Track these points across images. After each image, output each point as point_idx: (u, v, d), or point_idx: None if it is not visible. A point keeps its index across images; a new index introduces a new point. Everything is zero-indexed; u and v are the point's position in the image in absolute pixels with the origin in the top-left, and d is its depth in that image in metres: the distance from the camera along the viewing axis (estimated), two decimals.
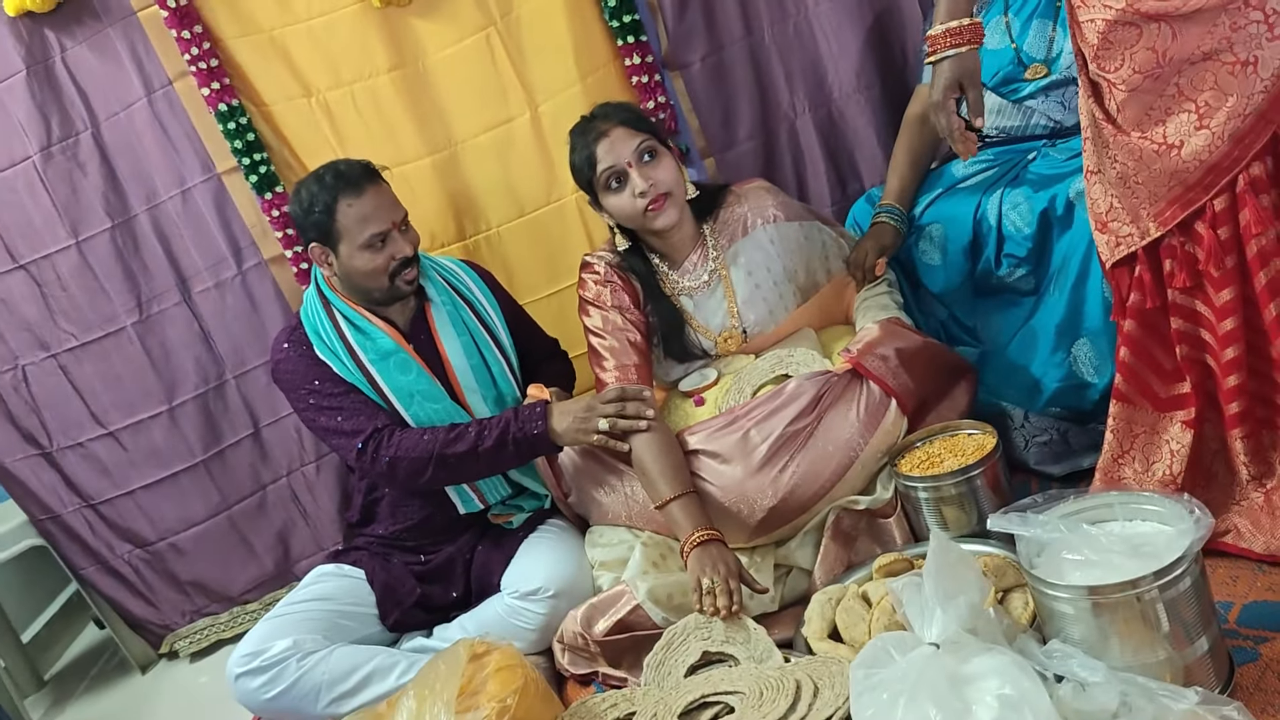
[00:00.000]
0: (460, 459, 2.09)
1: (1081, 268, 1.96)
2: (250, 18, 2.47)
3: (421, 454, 2.09)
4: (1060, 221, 2.00)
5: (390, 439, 2.11)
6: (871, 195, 2.40)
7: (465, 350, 2.23)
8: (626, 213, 2.12)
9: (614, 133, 2.08)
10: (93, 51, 2.46)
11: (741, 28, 2.54)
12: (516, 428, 2.07)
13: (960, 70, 1.70)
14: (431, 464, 2.09)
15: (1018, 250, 2.07)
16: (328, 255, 2.14)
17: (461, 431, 2.11)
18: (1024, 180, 2.14)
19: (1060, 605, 1.42)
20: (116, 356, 2.63)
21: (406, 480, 2.15)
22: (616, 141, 2.08)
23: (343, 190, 2.08)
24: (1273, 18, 1.46)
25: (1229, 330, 1.61)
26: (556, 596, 2.06)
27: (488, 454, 2.09)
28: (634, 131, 2.09)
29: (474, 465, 2.12)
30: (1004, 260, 2.10)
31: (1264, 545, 1.67)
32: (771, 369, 2.14)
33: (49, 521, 2.75)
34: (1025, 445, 2.13)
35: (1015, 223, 2.07)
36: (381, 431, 2.12)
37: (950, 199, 2.22)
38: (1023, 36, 2.18)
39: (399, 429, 2.14)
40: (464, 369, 2.22)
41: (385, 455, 2.11)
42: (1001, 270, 2.11)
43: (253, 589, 2.79)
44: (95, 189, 2.54)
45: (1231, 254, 1.58)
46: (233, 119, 2.48)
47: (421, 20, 2.48)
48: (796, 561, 1.99)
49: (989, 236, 2.12)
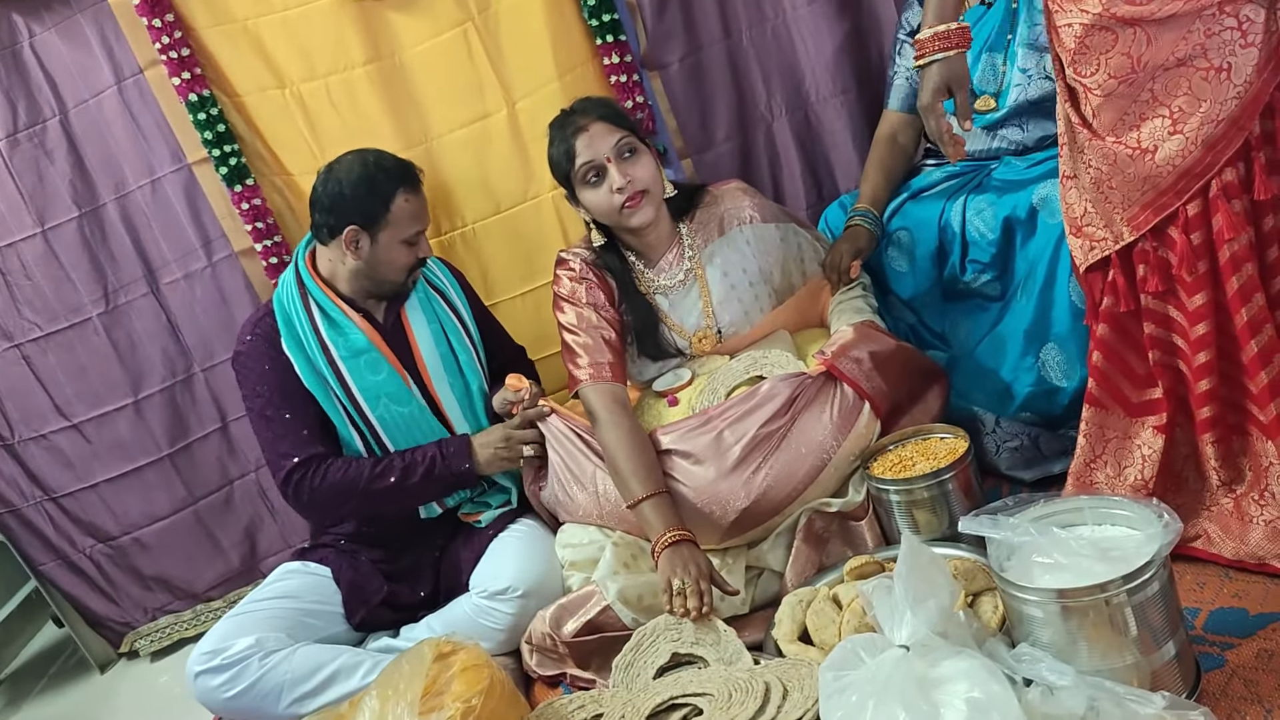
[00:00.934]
0: (384, 493, 2.14)
1: (1048, 273, 1.97)
2: (224, 7, 2.44)
3: (345, 487, 2.13)
4: (1024, 227, 2.02)
5: (316, 471, 2.13)
6: (844, 200, 2.41)
7: (435, 338, 2.24)
8: (603, 208, 2.11)
9: (593, 128, 2.07)
10: (62, 38, 2.43)
11: (720, 30, 2.54)
12: (443, 465, 2.15)
13: (948, 74, 1.71)
14: (356, 496, 2.14)
15: (982, 256, 2.09)
16: (359, 239, 2.13)
17: (387, 465, 2.14)
18: (988, 187, 2.15)
19: (1029, 608, 1.43)
20: (81, 347, 2.59)
21: (328, 511, 2.20)
22: (596, 137, 2.07)
23: (405, 183, 2.14)
24: (1245, 25, 1.47)
25: (1201, 335, 1.62)
26: (525, 596, 2.05)
27: (413, 489, 2.16)
28: (614, 128, 2.08)
29: (398, 498, 2.17)
30: (969, 266, 2.11)
31: (1233, 551, 1.68)
32: (746, 370, 2.13)
33: (8, 515, 2.71)
34: (996, 450, 2.14)
35: (979, 228, 2.09)
36: (309, 462, 2.13)
37: (916, 205, 2.24)
38: (974, 69, 2.21)
39: (328, 461, 2.14)
40: (433, 357, 2.23)
41: (308, 487, 2.13)
42: (967, 276, 2.12)
43: (217, 586, 2.76)
44: (63, 177, 2.50)
45: (1204, 259, 1.59)
46: (204, 109, 2.44)
47: (398, 14, 2.46)
48: (768, 563, 1.98)
49: (954, 243, 2.14)
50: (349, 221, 2.12)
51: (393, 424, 2.18)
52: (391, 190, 2.12)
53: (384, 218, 2.12)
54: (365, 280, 2.18)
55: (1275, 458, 1.64)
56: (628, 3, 2.50)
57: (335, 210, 2.13)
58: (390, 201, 2.11)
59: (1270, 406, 1.61)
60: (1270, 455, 1.65)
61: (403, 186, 2.13)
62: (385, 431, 2.19)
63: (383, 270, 2.16)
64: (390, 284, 2.19)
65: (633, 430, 2.01)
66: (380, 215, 2.11)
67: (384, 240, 2.13)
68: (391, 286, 2.20)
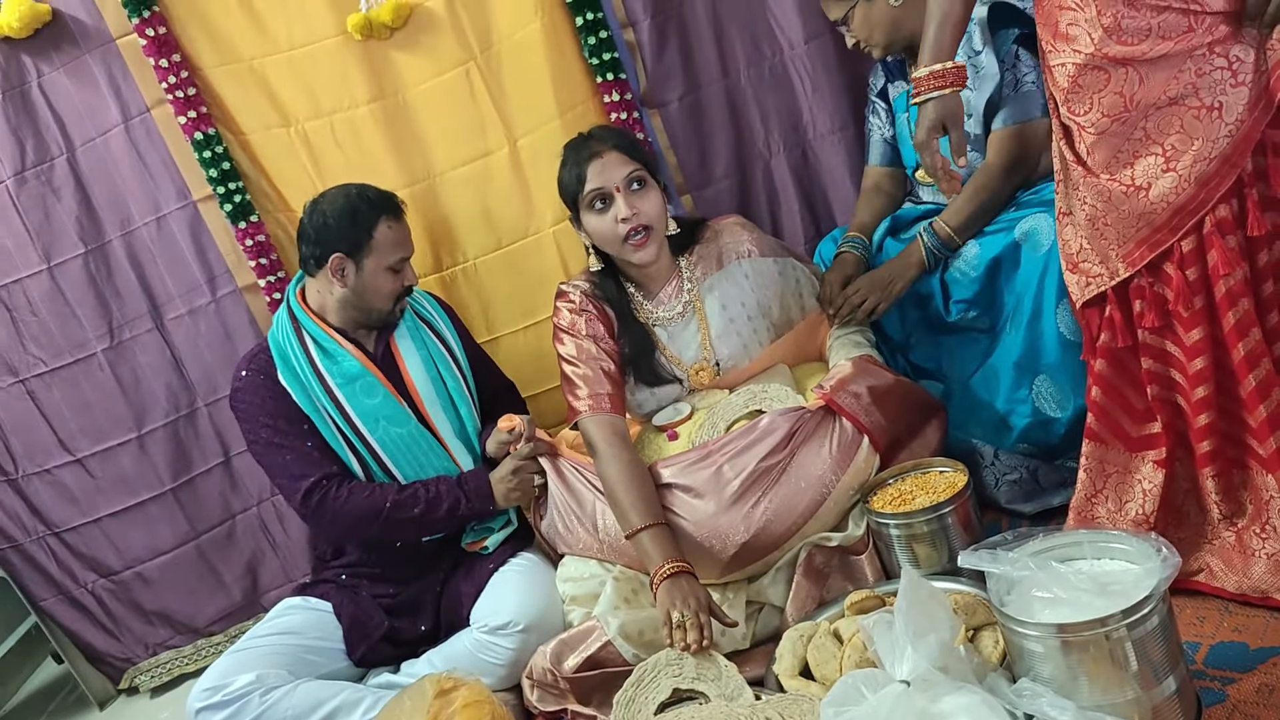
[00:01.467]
0: (406, 523, 2.17)
1: (1034, 305, 1.99)
2: (230, 47, 2.48)
3: (369, 511, 2.15)
4: (1008, 262, 2.04)
5: (339, 489, 2.16)
6: (834, 235, 2.45)
7: (424, 365, 2.27)
8: (606, 236, 2.13)
9: (608, 155, 2.10)
10: (70, 77, 2.47)
11: (719, 68, 2.58)
12: (467, 506, 2.18)
13: (943, 111, 1.74)
14: (378, 523, 2.15)
15: (964, 294, 2.11)
16: (345, 267, 2.17)
17: (411, 496, 2.17)
18: None
19: (1029, 643, 1.42)
20: (86, 383, 2.61)
21: (348, 533, 2.22)
22: (609, 164, 2.10)
23: (387, 211, 2.19)
24: (1235, 64, 1.49)
25: (1199, 370, 1.63)
26: (526, 631, 2.04)
27: (433, 522, 2.19)
28: (627, 159, 2.11)
29: (417, 530, 2.20)
30: (953, 307, 2.14)
31: (1236, 584, 1.68)
32: (745, 404, 2.14)
33: (10, 550, 2.71)
34: (995, 483, 2.14)
35: (960, 268, 2.11)
36: (330, 480, 2.16)
37: (897, 244, 2.27)
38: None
39: (347, 481, 2.18)
40: (424, 384, 2.26)
41: (330, 506, 2.15)
42: (952, 316, 2.14)
43: (219, 620, 2.75)
44: (69, 214, 2.53)
45: (1200, 294, 1.60)
46: (209, 147, 2.48)
47: (402, 53, 2.50)
48: (769, 598, 1.98)
49: (934, 284, 2.16)
50: (334, 250, 2.16)
51: (393, 445, 2.20)
52: (375, 218, 2.17)
53: (368, 245, 2.16)
54: (353, 309, 2.21)
55: (1276, 491, 1.64)
56: (628, 42, 2.53)
57: (321, 240, 2.17)
58: (373, 229, 2.16)
59: (1269, 440, 1.62)
60: (1271, 489, 1.65)
61: (385, 214, 2.18)
62: (386, 453, 2.20)
63: (369, 298, 2.20)
64: (378, 312, 2.22)
65: (631, 462, 2.02)
66: (364, 242, 2.16)
67: (369, 267, 2.17)
68: (379, 315, 2.23)
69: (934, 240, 2.13)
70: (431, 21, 2.47)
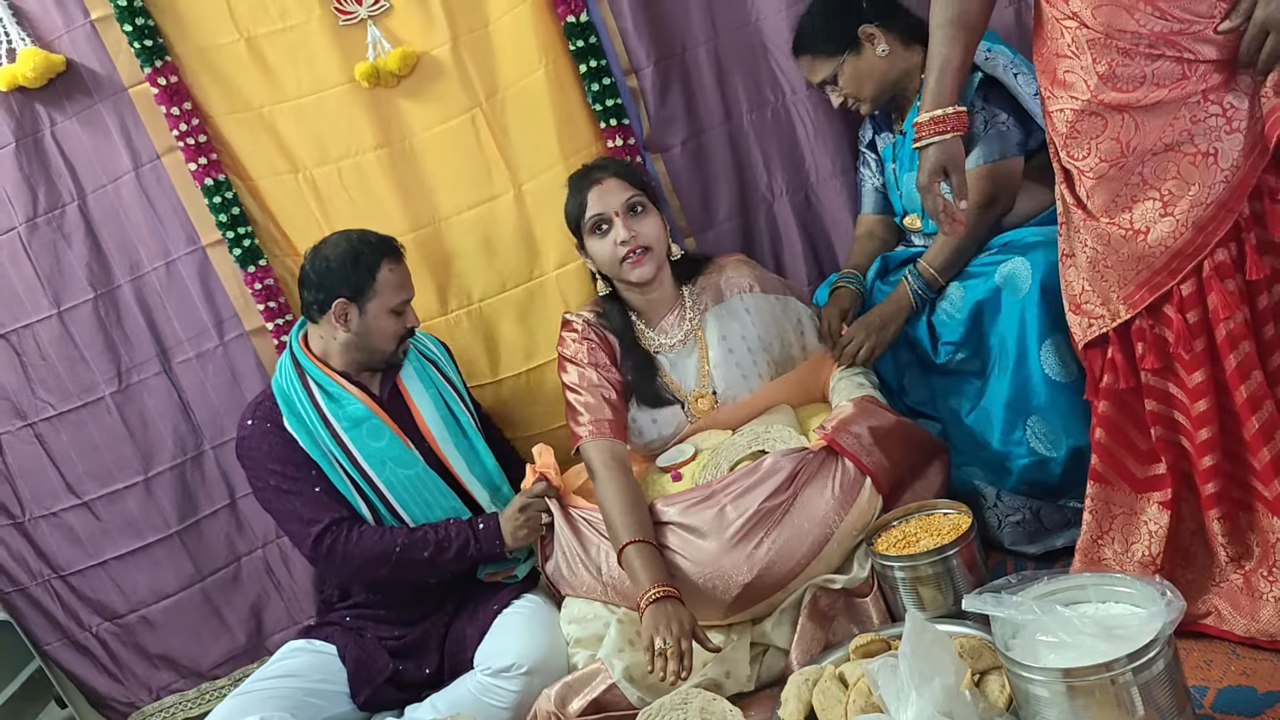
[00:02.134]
0: (416, 565, 2.17)
1: (1018, 349, 2.01)
2: (240, 95, 2.52)
3: (380, 554, 2.15)
4: (990, 306, 2.06)
5: (349, 533, 2.16)
6: (831, 279, 2.46)
7: (435, 404, 2.29)
8: (606, 259, 2.17)
9: (607, 182, 2.17)
10: (82, 126, 2.50)
11: (721, 113, 2.60)
12: (476, 548, 2.18)
13: (944, 156, 1.77)
14: (389, 565, 2.15)
15: (952, 335, 2.13)
16: (349, 311, 2.19)
17: (421, 538, 2.17)
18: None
19: (1035, 688, 1.42)
20: (94, 426, 2.62)
21: (358, 575, 2.22)
22: (608, 191, 2.16)
23: (388, 254, 2.22)
24: (1230, 111, 1.51)
25: (1202, 412, 1.63)
26: (530, 673, 2.04)
27: (443, 564, 2.19)
28: (626, 184, 2.17)
29: (428, 572, 2.20)
30: (941, 349, 2.15)
31: (1244, 628, 1.67)
32: (748, 445, 2.15)
33: (15, 594, 2.71)
34: (999, 525, 2.14)
35: (946, 310, 2.14)
36: (340, 524, 2.16)
37: (886, 286, 2.29)
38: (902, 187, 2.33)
39: (357, 524, 2.18)
40: (436, 423, 2.27)
41: (340, 550, 2.15)
42: (941, 358, 2.15)
43: (223, 663, 2.74)
44: (79, 259, 2.55)
45: (1201, 337, 1.61)
46: (219, 193, 2.51)
47: (408, 100, 2.54)
48: (773, 641, 1.97)
49: (921, 328, 2.18)
50: (338, 295, 2.18)
51: (400, 487, 2.21)
52: (376, 261, 2.20)
53: (370, 288, 2.19)
54: (357, 352, 2.23)
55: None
56: (631, 88, 2.57)
57: (324, 285, 2.19)
58: (375, 272, 2.19)
59: (1275, 483, 1.61)
60: (1277, 531, 1.64)
61: (386, 258, 2.21)
62: (394, 495, 2.21)
63: (373, 340, 2.22)
64: (381, 354, 2.24)
65: (627, 485, 2.05)
66: (367, 286, 2.19)
67: (373, 310, 2.20)
68: (383, 357, 2.25)
69: (919, 282, 2.17)
70: (438, 69, 2.51)
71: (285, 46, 2.49)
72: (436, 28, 2.49)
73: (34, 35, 2.45)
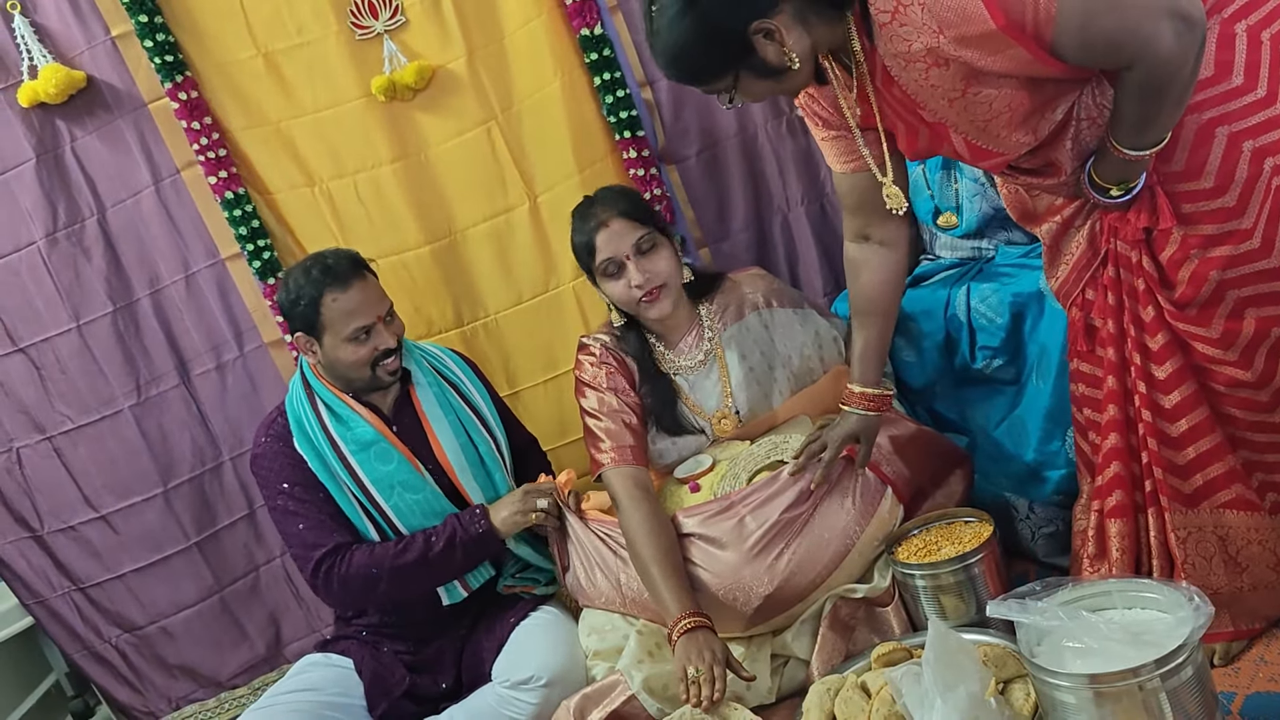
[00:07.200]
0: (410, 570, 2.12)
1: (1063, 353, 1.99)
2: (258, 110, 2.54)
3: (371, 570, 2.11)
4: (1033, 310, 2.05)
5: (342, 559, 2.12)
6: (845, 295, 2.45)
7: (453, 430, 2.24)
8: (621, 299, 2.16)
9: (614, 224, 2.12)
10: (102, 141, 2.52)
11: (736, 124, 2.61)
12: (462, 532, 2.13)
13: (862, 428, 1.96)
14: (384, 578, 2.11)
15: (991, 341, 2.11)
16: (312, 345, 2.16)
17: (409, 542, 2.13)
18: (990, 273, 2.20)
19: (1062, 694, 1.41)
20: (112, 439, 2.62)
21: (358, 598, 2.17)
22: (615, 234, 2.11)
23: (329, 285, 2.10)
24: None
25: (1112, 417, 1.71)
26: (549, 685, 2.02)
27: (438, 561, 2.13)
28: (634, 225, 2.12)
29: (425, 574, 2.15)
30: (979, 353, 2.14)
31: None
32: (767, 455, 2.14)
33: (36, 606, 2.71)
34: (1033, 537, 2.12)
35: (986, 314, 2.12)
36: (336, 552, 2.12)
37: (919, 293, 2.28)
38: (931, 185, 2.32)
39: (353, 548, 2.14)
40: (453, 448, 2.23)
41: (337, 576, 2.11)
42: (978, 363, 2.14)
43: (242, 673, 2.74)
44: (98, 273, 2.57)
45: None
46: (238, 206, 2.53)
47: (424, 114, 2.55)
48: (794, 651, 1.96)
49: (960, 330, 2.17)
50: (296, 329, 2.17)
51: (408, 511, 2.17)
52: (317, 294, 2.09)
53: (318, 322, 2.11)
54: (336, 378, 2.20)
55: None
56: (646, 100, 2.58)
57: (287, 319, 2.19)
58: (318, 305, 2.09)
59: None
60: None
61: (330, 289, 2.09)
62: (400, 519, 2.17)
63: (341, 369, 2.16)
64: (359, 380, 2.17)
65: (653, 513, 2.02)
66: (314, 320, 2.11)
67: (328, 343, 2.13)
68: (363, 382, 2.17)
69: None
70: (453, 83, 2.53)
71: (303, 61, 2.52)
72: (452, 41, 2.52)
73: (55, 52, 2.47)
